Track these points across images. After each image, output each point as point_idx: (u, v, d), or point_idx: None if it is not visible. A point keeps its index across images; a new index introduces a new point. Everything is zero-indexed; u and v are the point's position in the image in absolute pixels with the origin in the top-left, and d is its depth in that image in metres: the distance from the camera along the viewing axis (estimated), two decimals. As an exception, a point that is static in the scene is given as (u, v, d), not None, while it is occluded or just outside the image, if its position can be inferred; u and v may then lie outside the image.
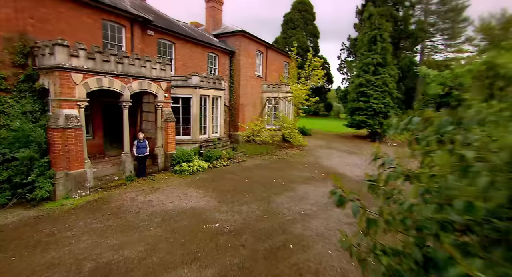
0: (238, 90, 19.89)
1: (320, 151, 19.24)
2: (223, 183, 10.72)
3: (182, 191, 9.53)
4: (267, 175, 12.34)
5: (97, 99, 11.19)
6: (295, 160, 15.88)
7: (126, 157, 10.30)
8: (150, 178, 10.72)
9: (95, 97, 10.97)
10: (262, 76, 22.62)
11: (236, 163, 14.47)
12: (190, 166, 11.84)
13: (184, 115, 14.53)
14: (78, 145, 8.49)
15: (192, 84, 14.28)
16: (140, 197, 8.81)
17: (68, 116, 8.30)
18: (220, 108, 16.49)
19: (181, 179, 11.06)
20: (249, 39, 20.22)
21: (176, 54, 15.49)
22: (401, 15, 38.88)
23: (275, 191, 10.10)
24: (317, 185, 11.14)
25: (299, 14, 55.31)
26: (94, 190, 9.12)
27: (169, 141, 11.88)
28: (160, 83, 11.35)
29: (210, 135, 15.71)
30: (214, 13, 20.46)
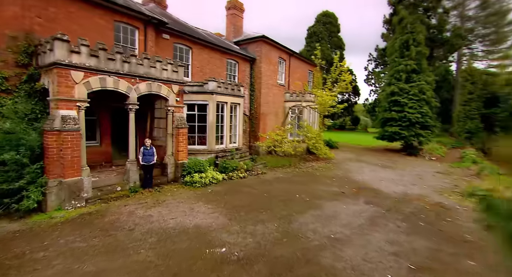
0: (259, 99, 18.77)
1: (349, 164, 17.29)
2: (238, 198, 9.30)
3: (189, 206, 8.23)
4: (289, 189, 10.75)
5: (105, 103, 10.48)
6: (321, 174, 14.12)
7: (131, 165, 9.29)
8: (156, 189, 9.58)
9: (102, 101, 10.28)
10: (285, 85, 21.43)
11: (255, 175, 13.03)
12: (202, 178, 10.59)
13: (200, 123, 13.54)
14: (75, 150, 7.58)
15: (208, 90, 13.34)
16: (139, 211, 7.62)
17: (65, 118, 7.46)
18: (239, 116, 15.36)
19: (191, 191, 9.81)
20: (271, 46, 19.27)
21: (193, 60, 14.77)
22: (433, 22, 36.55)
23: (298, 208, 8.49)
24: (348, 202, 9.36)
25: (323, 26, 54.46)
26: (92, 201, 8.10)
27: (180, 149, 10.79)
28: (171, 85, 10.45)
29: (227, 145, 14.53)
30: (235, 21, 19.89)
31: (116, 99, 9.38)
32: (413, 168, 16.65)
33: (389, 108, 22.89)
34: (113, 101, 10.13)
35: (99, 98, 10.22)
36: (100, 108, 10.55)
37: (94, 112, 10.50)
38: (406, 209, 8.78)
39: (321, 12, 55.86)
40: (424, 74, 22.63)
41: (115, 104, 10.34)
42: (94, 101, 10.44)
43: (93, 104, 10.49)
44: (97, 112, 10.54)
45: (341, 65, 16.65)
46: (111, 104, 10.63)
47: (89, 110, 10.41)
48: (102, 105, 10.55)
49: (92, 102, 10.36)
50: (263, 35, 18.02)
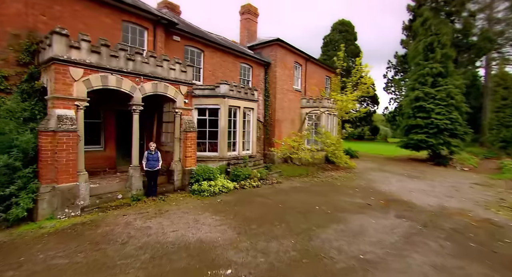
0: (274, 104, 17.90)
1: (372, 174, 15.87)
2: (249, 209, 8.29)
3: (194, 217, 7.29)
4: (307, 200, 9.61)
5: (110, 105, 9.94)
6: (342, 184, 12.85)
7: (134, 171, 8.55)
8: (161, 198, 8.75)
9: (107, 103, 9.75)
10: (301, 90, 20.49)
11: (269, 184, 11.98)
12: (211, 186, 9.68)
13: (211, 128, 12.77)
14: (71, 152, 6.92)
15: (220, 93, 12.62)
16: (138, 222, 6.76)
17: (61, 117, 6.85)
18: (253, 121, 14.49)
19: (198, 201, 8.90)
20: (286, 50, 18.52)
21: (205, 63, 14.20)
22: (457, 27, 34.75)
23: (319, 222, 7.35)
24: (376, 215, 8.11)
25: (339, 34, 53.59)
26: (89, 210, 7.36)
27: (187, 155, 9.98)
28: (179, 86, 9.78)
29: (240, 152, 13.63)
30: (249, 25, 19.41)
31: (122, 101, 8.78)
32: (444, 179, 15.00)
33: (414, 115, 21.32)
34: (119, 104, 9.55)
35: (104, 100, 9.70)
36: (105, 110, 10.03)
37: (99, 115, 9.98)
38: (446, 225, 7.42)
39: (337, 21, 55.13)
40: (452, 78, 21.02)
41: (120, 107, 9.76)
42: (99, 104, 9.94)
43: (98, 107, 10.02)
44: (102, 115, 10.01)
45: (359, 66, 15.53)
46: (116, 107, 10.08)
47: (94, 113, 9.92)
48: (107, 108, 10.03)
49: (97, 104, 9.88)
50: (278, 38, 17.33)
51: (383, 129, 67.50)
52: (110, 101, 9.78)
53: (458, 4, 34.02)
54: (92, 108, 9.83)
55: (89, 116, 9.68)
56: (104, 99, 9.68)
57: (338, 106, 15.06)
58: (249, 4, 19.28)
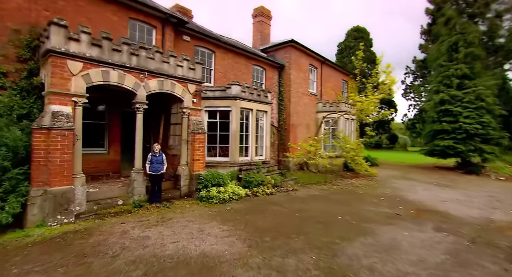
0: (288, 109, 17.04)
1: (396, 182, 14.53)
2: (262, 218, 7.34)
3: (199, 226, 6.42)
4: (328, 209, 8.55)
5: (115, 106, 9.41)
6: (365, 192, 11.66)
7: (137, 175, 7.84)
8: (165, 205, 7.96)
9: (112, 104, 9.22)
10: (317, 94, 19.56)
11: (284, 192, 10.99)
12: (221, 192, 8.83)
13: (222, 132, 12.04)
14: (66, 152, 6.29)
15: (231, 95, 11.93)
16: (136, 230, 5.97)
17: (56, 114, 6.27)
18: (266, 125, 13.67)
19: (206, 208, 8.04)
20: (301, 51, 17.77)
21: (216, 64, 13.63)
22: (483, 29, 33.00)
23: (343, 234, 6.30)
24: (409, 227, 6.95)
25: (354, 41, 52.59)
26: (85, 217, 6.65)
27: (195, 158, 9.22)
28: (187, 84, 9.14)
29: (253, 157, 12.77)
30: (262, 28, 18.88)
31: (127, 102, 8.15)
32: (479, 188, 13.45)
33: (439, 119, 19.82)
34: (124, 105, 8.98)
35: (108, 101, 9.19)
36: (110, 111, 9.50)
37: (103, 116, 9.45)
38: (501, 242, 6.16)
39: (352, 27, 54.26)
40: (481, 79, 19.50)
41: (126, 107, 9.19)
42: (103, 104, 9.46)
43: (102, 107, 9.51)
44: (106, 116, 9.48)
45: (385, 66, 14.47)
46: (121, 108, 9.54)
47: (98, 114, 9.40)
48: (111, 109, 9.50)
49: (101, 104, 9.42)
50: (292, 40, 16.62)
51: (402, 138, 64.97)
52: (115, 101, 9.25)
53: (482, 5, 32.44)
54: (96, 108, 9.40)
55: (92, 117, 9.19)
56: (109, 99, 9.17)
57: (358, 108, 13.97)
58: (262, 6, 18.82)
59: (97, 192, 7.45)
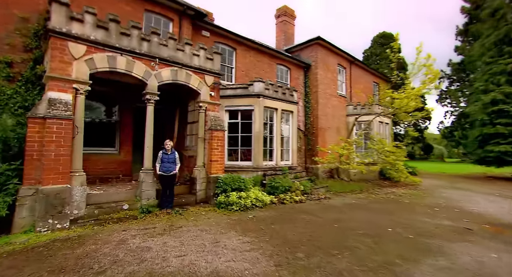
0: (316, 110, 15.64)
1: (446, 192, 12.42)
2: (292, 228, 5.94)
3: (214, 236, 5.17)
4: (372, 220, 6.96)
5: (127, 101, 8.64)
6: (411, 201, 9.82)
7: (146, 176, 6.83)
8: (177, 211, 6.83)
9: (123, 99, 8.46)
10: (346, 96, 18.02)
11: (315, 200, 9.49)
12: (242, 198, 7.57)
13: (244, 134, 10.92)
14: (62, 145, 5.42)
15: (254, 92, 10.87)
16: (136, 240, 4.84)
17: (53, 101, 5.47)
18: (292, 127, 12.39)
19: (224, 216, 6.80)
20: (328, 50, 16.50)
21: (237, 62, 12.72)
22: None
23: (401, 251, 4.73)
24: (492, 246, 5.20)
25: (381, 48, 50.43)
26: (83, 222, 5.67)
27: (213, 159, 8.10)
28: (204, 76, 8.18)
29: (278, 162, 11.47)
30: (285, 28, 17.94)
31: (141, 97, 7.32)
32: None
33: (491, 121, 17.37)
34: (137, 100, 8.18)
35: (120, 95, 8.44)
36: (122, 108, 8.74)
37: (114, 112, 8.71)
38: None
39: (378, 34, 52.27)
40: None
41: (139, 103, 8.39)
42: (114, 99, 8.72)
43: (113, 103, 8.78)
44: (118, 112, 8.73)
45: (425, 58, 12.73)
46: (134, 104, 8.76)
47: (108, 110, 8.68)
48: (123, 105, 8.74)
49: (111, 101, 8.70)
50: (319, 37, 15.44)
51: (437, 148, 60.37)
52: (126, 97, 8.50)
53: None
54: (105, 104, 8.68)
55: (102, 114, 8.48)
56: (120, 94, 8.43)
57: (396, 105, 12.26)
58: (285, 6, 17.97)
59: (101, 194, 6.51)
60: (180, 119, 9.32)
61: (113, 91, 8.34)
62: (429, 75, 12.54)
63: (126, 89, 8.11)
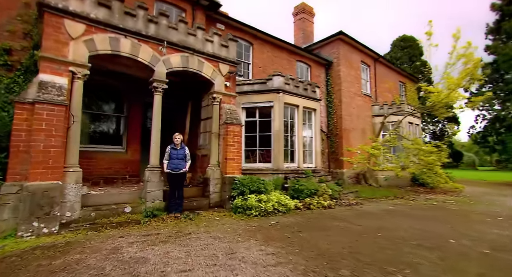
0: (339, 110, 14.45)
1: (496, 199, 10.73)
2: (325, 237, 4.78)
3: (229, 246, 4.12)
4: (423, 228, 5.65)
5: (135, 95, 7.92)
6: (461, 208, 8.33)
7: (151, 174, 5.95)
8: (187, 216, 5.85)
9: (132, 93, 7.75)
10: (371, 96, 16.70)
11: (346, 205, 8.25)
12: (262, 201, 6.50)
13: (262, 133, 9.95)
14: (54, 135, 4.64)
15: (273, 87, 9.94)
16: (133, 248, 3.88)
17: (44, 84, 4.75)
18: (315, 126, 11.27)
19: (241, 222, 5.74)
20: (351, 46, 15.40)
21: (254, 58, 11.90)
22: None
23: (483, 270, 3.47)
24: None
25: (401, 51, 48.52)
26: (76, 226, 4.80)
27: (229, 156, 7.13)
28: (218, 64, 7.33)
29: (300, 164, 10.35)
30: (304, 26, 17.08)
31: (151, 92, 6.57)
32: None
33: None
34: (146, 94, 7.44)
35: (128, 90, 7.74)
36: (130, 102, 8.04)
37: (121, 107, 8.01)
38: None
39: (398, 37, 50.47)
40: None
41: (148, 97, 7.64)
42: (122, 93, 8.02)
43: (120, 97, 8.09)
44: (126, 107, 8.02)
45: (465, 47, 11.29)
46: (143, 98, 8.03)
47: (116, 105, 7.99)
48: (132, 99, 8.04)
49: (118, 94, 8.00)
50: (341, 31, 14.41)
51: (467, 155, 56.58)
52: (135, 90, 7.78)
53: None
54: (112, 98, 7.99)
55: (108, 109, 7.80)
56: (127, 87, 7.73)
57: (434, 99, 10.82)
58: (303, 3, 17.18)
59: (101, 195, 5.67)
60: (193, 115, 8.48)
61: (120, 84, 7.66)
62: (468, 65, 11.12)
63: (134, 83, 7.41)
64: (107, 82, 7.54)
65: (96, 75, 6.93)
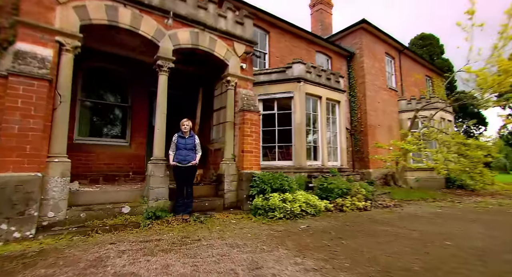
0: (363, 105, 13.20)
1: (559, 201, 9.11)
2: (375, 246, 3.60)
3: (253, 256, 3.03)
4: (499, 235, 4.36)
5: (141, 84, 7.05)
6: (527, 212, 6.90)
7: (155, 168, 4.97)
8: (197, 218, 4.80)
9: (137, 81, 6.90)
10: (397, 90, 15.34)
11: (384, 207, 6.99)
12: (287, 201, 5.38)
13: (281, 127, 8.91)
14: (32, 116, 3.75)
15: (293, 76, 8.93)
16: (121, 260, 2.86)
17: (22, 54, 3.89)
18: (340, 120, 10.11)
19: (263, 226, 4.64)
20: (374, 36, 14.19)
21: (271, 47, 10.92)
22: None
23: None
24: None
25: (420, 50, 46.42)
26: (60, 230, 3.85)
27: (246, 149, 6.07)
28: (233, 43, 6.35)
29: (324, 162, 9.19)
30: (322, 17, 16.02)
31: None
32: None
33: None
34: (154, 83, 6.56)
35: (134, 77, 6.89)
36: (134, 91, 7.16)
37: (126, 96, 7.14)
38: None
39: (416, 36, 48.38)
40: None
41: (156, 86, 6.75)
42: (126, 81, 7.16)
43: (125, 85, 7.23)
44: (130, 96, 7.15)
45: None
46: (150, 87, 7.14)
47: (119, 94, 7.14)
48: (137, 87, 7.16)
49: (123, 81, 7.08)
50: (364, 20, 13.24)
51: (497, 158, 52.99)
52: (141, 77, 6.92)
53: None
54: (115, 85, 7.12)
55: (110, 97, 6.95)
56: (133, 73, 6.88)
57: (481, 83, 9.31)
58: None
59: (94, 192, 4.72)
60: (204, 105, 7.51)
61: (123, 70, 6.83)
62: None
63: (140, 69, 6.57)
64: (109, 68, 6.73)
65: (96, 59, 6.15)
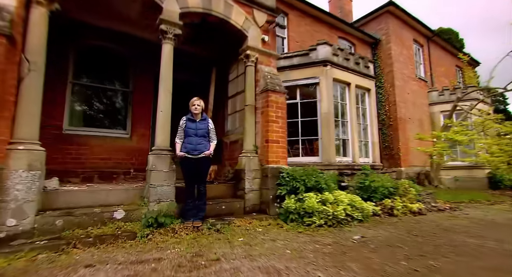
0: (392, 96, 11.86)
1: None
2: (485, 273, 2.33)
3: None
4: None
5: (144, 65, 5.98)
6: None
7: (157, 160, 3.85)
8: (212, 225, 3.63)
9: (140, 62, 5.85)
10: (427, 80, 13.90)
11: (439, 210, 5.68)
12: (327, 203, 4.15)
13: (304, 118, 7.74)
14: (-16, 84, 2.68)
15: (318, 59, 7.79)
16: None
17: (-27, 0, 2.84)
18: (371, 111, 8.91)
19: (302, 236, 3.43)
20: (401, 21, 12.84)
21: (290, 31, 9.75)
22: None
23: None
24: None
25: (439, 44, 44.27)
26: (23, 244, 2.74)
27: (271, 138, 4.86)
28: (252, 10, 5.21)
29: (355, 158, 7.96)
30: (341, 3, 14.79)
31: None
32: None
33: None
34: (159, 64, 5.48)
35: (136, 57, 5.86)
36: (136, 74, 6.08)
37: (127, 80, 6.07)
38: None
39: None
40: None
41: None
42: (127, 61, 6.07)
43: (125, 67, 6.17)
44: (131, 81, 6.07)
45: None
46: (155, 68, 6.07)
47: (119, 77, 6.10)
48: (140, 70, 6.09)
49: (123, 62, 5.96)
50: (391, 1, 11.92)
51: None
52: (144, 57, 5.85)
53: None
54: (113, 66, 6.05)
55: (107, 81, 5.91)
56: (134, 52, 5.83)
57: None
58: (340, -22, 14.94)
59: (78, 192, 3.62)
60: (217, 92, 6.39)
61: (125, 50, 5.79)
62: None
63: (143, 48, 5.56)
64: (107, 47, 5.69)
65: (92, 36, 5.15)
